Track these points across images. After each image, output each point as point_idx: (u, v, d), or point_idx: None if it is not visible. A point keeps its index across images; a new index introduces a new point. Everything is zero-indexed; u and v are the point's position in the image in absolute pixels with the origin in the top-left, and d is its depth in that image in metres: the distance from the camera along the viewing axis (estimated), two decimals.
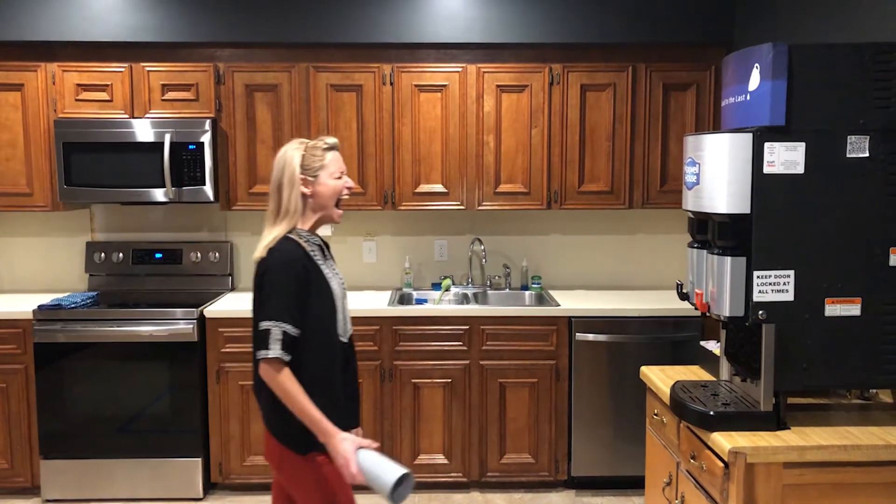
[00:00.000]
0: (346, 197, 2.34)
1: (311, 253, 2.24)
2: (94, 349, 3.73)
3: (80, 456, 3.76)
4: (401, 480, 2.03)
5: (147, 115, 3.93)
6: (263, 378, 2.16)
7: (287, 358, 2.13)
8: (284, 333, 2.12)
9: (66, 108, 3.93)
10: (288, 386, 2.12)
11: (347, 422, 2.27)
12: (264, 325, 2.13)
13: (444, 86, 3.97)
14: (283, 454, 2.23)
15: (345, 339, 2.31)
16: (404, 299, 4.20)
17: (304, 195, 2.25)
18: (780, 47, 2.11)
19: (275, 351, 2.11)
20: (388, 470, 2.05)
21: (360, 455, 2.11)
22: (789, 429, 2.21)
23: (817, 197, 2.16)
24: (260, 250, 2.21)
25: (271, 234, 2.22)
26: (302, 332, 2.16)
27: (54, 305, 3.78)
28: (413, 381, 3.82)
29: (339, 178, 2.30)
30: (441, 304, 4.19)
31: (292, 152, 2.26)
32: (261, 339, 2.13)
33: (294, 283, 2.15)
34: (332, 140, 2.32)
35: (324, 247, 2.36)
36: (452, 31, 3.97)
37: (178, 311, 3.75)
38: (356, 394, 2.40)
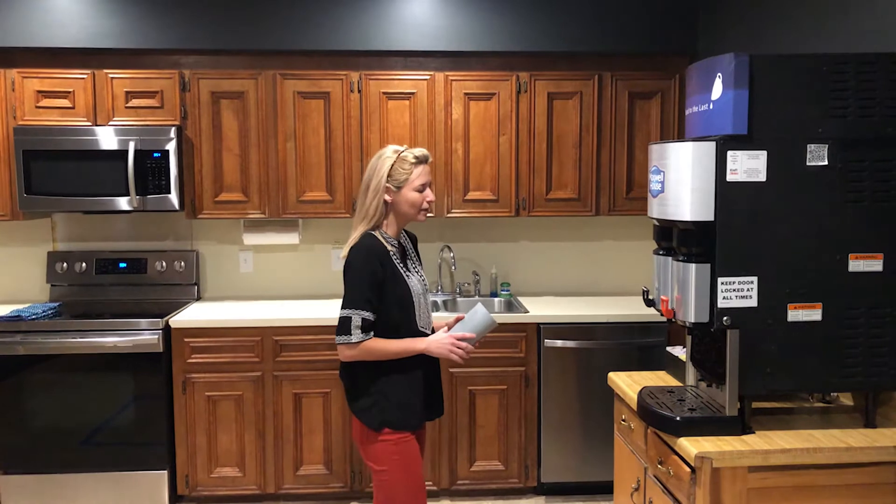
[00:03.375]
0: (427, 207, 2.51)
1: (391, 253, 2.44)
2: (56, 361, 3.65)
3: (42, 470, 3.68)
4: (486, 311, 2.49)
5: (111, 123, 3.87)
6: (348, 359, 2.39)
7: (368, 337, 2.36)
8: (363, 320, 2.34)
9: (26, 115, 3.85)
10: (371, 347, 2.36)
11: (434, 410, 2.55)
12: (345, 312, 2.36)
13: (412, 93, 3.97)
14: (363, 431, 2.45)
15: (427, 331, 2.53)
16: None
17: (386, 202, 2.45)
18: (741, 57, 2.14)
19: (356, 336, 2.34)
20: (474, 314, 2.47)
21: (452, 332, 2.45)
22: (754, 433, 2.24)
23: (779, 204, 2.20)
24: (345, 250, 2.44)
25: (355, 233, 2.46)
26: (384, 321, 2.38)
27: (14, 317, 3.70)
28: None
29: (422, 190, 2.45)
30: None
31: (384, 160, 2.45)
32: (342, 326, 2.36)
33: (370, 274, 2.36)
34: (420, 153, 2.46)
35: (406, 248, 2.57)
36: (420, 38, 3.98)
37: (143, 322, 3.69)
38: (439, 384, 2.62)
